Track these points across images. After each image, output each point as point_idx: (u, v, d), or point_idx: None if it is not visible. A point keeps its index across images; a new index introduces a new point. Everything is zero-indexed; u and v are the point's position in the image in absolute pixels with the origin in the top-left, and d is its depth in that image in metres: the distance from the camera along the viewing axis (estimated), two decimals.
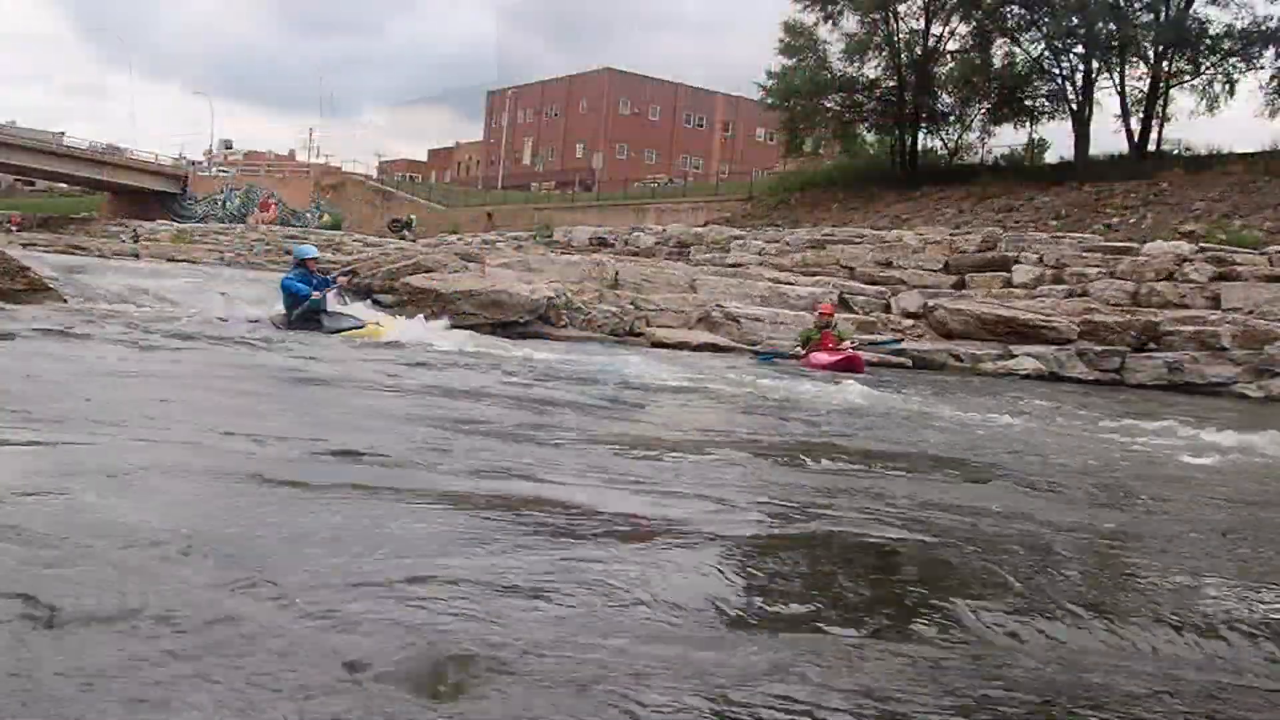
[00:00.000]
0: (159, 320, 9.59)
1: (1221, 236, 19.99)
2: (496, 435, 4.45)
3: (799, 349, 13.35)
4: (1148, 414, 8.57)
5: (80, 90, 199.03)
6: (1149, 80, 30.42)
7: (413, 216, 49.06)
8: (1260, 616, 2.36)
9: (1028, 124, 34.42)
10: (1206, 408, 11.38)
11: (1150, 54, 30.37)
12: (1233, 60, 30.03)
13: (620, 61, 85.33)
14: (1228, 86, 30.08)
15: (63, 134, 67.01)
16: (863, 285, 18.85)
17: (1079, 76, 31.76)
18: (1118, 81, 30.96)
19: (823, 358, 12.34)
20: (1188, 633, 2.24)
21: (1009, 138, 51.55)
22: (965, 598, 2.36)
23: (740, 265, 21.02)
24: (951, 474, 4.53)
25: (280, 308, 11.03)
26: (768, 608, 2.18)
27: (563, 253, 23.05)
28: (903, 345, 15.14)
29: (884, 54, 33.90)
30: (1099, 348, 15.28)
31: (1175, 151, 30.08)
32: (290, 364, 7.12)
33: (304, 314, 10.55)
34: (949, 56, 34.32)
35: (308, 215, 56.26)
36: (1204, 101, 30.32)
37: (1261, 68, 29.77)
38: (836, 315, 14.36)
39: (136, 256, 34.06)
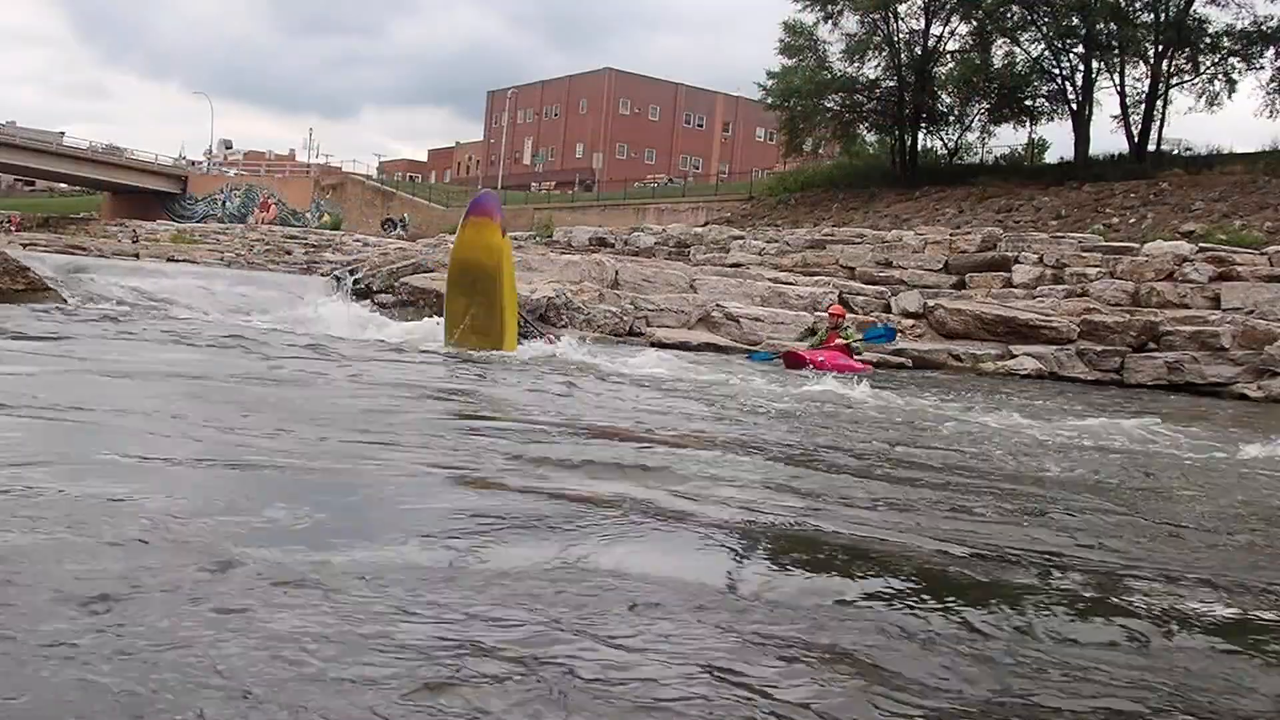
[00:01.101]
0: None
1: (1221, 236, 20.00)
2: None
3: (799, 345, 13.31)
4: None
5: (80, 90, 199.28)
6: (1149, 80, 30.46)
7: (405, 216, 49.83)
8: None
9: (1027, 124, 34.51)
10: (1207, 408, 11.39)
11: (1150, 54, 30.39)
12: (1232, 60, 30.08)
13: (620, 62, 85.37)
14: (1228, 86, 30.15)
15: (63, 134, 67.19)
16: (863, 285, 18.86)
17: (1079, 76, 31.80)
18: (1118, 81, 31.02)
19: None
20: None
21: (1009, 138, 51.63)
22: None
23: (740, 265, 21.02)
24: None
25: None
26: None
27: (563, 253, 23.02)
28: (895, 334, 14.77)
29: (884, 54, 33.92)
30: (1099, 348, 15.30)
31: (1175, 151, 30.12)
32: None
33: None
34: (949, 56, 34.36)
35: (307, 215, 56.31)
36: (1203, 100, 30.42)
37: (1261, 67, 29.85)
38: (849, 318, 14.21)
39: (137, 257, 34.11)
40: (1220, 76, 30.22)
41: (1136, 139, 30.39)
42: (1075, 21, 30.64)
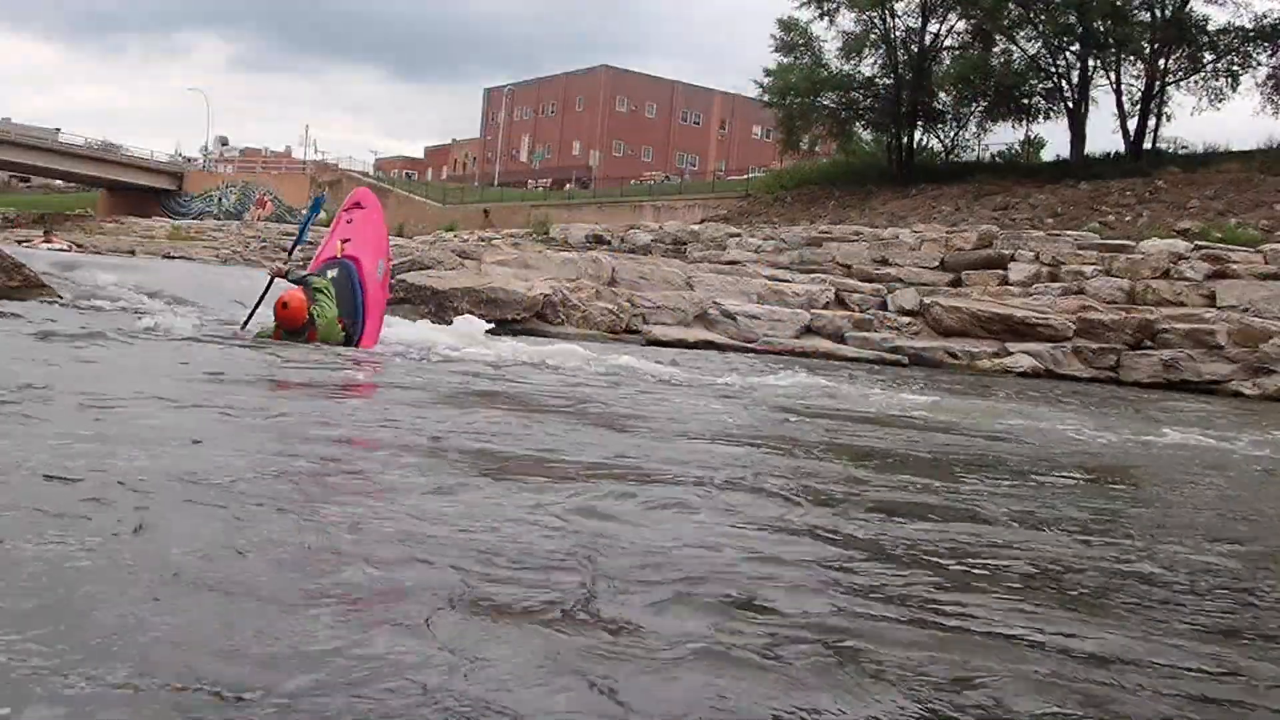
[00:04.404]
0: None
1: (1217, 234, 20.01)
2: None
3: None
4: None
5: (77, 87, 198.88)
6: (1145, 79, 30.45)
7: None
8: None
9: (1024, 122, 34.48)
10: (1202, 405, 11.40)
11: (1147, 52, 30.38)
12: (1230, 58, 30.06)
13: (617, 59, 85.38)
14: (1230, 81, 30.12)
15: (58, 130, 67.04)
16: (859, 283, 18.85)
17: (1075, 74, 31.78)
18: (1114, 80, 31.00)
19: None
20: None
21: (1006, 135, 51.65)
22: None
23: (737, 263, 21.01)
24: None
25: None
26: None
27: (559, 250, 23.00)
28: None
29: (880, 52, 33.90)
30: (1095, 345, 15.31)
31: (1172, 149, 30.12)
32: None
33: None
34: (946, 54, 34.33)
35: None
36: (1201, 99, 30.42)
37: (1259, 65, 29.85)
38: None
39: (133, 254, 34.06)
40: (1224, 73, 30.19)
41: (1133, 137, 30.40)
42: (1072, 19, 30.62)
